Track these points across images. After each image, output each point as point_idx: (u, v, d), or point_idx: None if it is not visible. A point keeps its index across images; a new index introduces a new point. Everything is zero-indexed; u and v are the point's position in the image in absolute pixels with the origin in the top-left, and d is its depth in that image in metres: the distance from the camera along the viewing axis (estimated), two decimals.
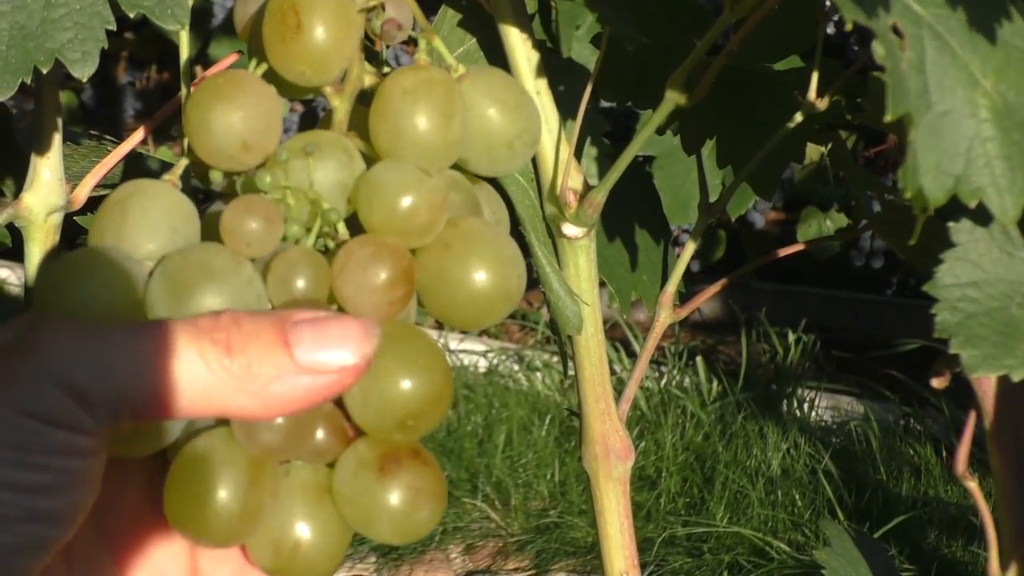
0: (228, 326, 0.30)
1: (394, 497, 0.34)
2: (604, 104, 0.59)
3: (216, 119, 0.35)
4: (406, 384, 0.33)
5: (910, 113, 0.35)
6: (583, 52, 0.55)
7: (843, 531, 0.61)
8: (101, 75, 3.08)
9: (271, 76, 0.37)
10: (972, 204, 0.37)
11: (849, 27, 0.34)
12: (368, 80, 0.38)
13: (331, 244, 0.35)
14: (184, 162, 0.37)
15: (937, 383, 0.46)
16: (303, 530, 0.34)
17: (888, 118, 0.34)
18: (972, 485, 0.48)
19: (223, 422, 0.33)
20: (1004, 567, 0.49)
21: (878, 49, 0.34)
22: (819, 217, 2.25)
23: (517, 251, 0.36)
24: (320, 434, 0.34)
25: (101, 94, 3.16)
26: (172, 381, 0.30)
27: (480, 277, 0.35)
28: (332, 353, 0.31)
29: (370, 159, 0.36)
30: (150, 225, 0.34)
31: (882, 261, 2.58)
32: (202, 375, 0.30)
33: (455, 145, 0.37)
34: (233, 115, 0.35)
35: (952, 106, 0.37)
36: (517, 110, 0.39)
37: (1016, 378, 0.39)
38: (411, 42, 0.40)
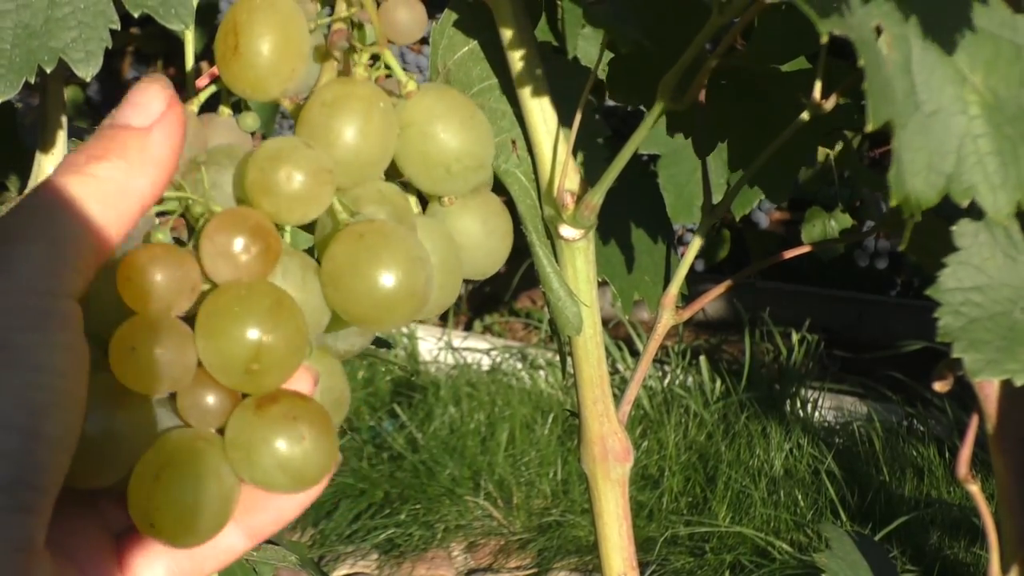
0: (94, 144, 0.33)
1: (272, 426, 0.33)
2: (610, 103, 0.59)
3: None
4: (234, 329, 0.33)
5: (893, 120, 0.35)
6: (590, 52, 0.54)
7: (843, 533, 0.61)
8: (107, 70, 3.08)
9: None
10: (964, 203, 0.37)
11: (824, 39, 0.33)
12: None
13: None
14: None
15: (939, 387, 0.45)
16: (178, 475, 0.33)
17: (870, 127, 0.34)
18: (974, 488, 0.48)
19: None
20: (1005, 569, 0.49)
21: (859, 59, 0.34)
22: (823, 217, 2.24)
23: (429, 257, 0.36)
24: (211, 399, 0.34)
25: (107, 89, 3.16)
26: (104, 201, 0.32)
27: (389, 269, 0.35)
28: (153, 101, 0.34)
29: None
30: None
31: (886, 262, 2.57)
32: (110, 180, 0.32)
33: (371, 163, 0.37)
34: None
35: (941, 105, 0.36)
36: (460, 133, 0.39)
37: (1018, 382, 0.39)
38: (422, 40, 0.40)
